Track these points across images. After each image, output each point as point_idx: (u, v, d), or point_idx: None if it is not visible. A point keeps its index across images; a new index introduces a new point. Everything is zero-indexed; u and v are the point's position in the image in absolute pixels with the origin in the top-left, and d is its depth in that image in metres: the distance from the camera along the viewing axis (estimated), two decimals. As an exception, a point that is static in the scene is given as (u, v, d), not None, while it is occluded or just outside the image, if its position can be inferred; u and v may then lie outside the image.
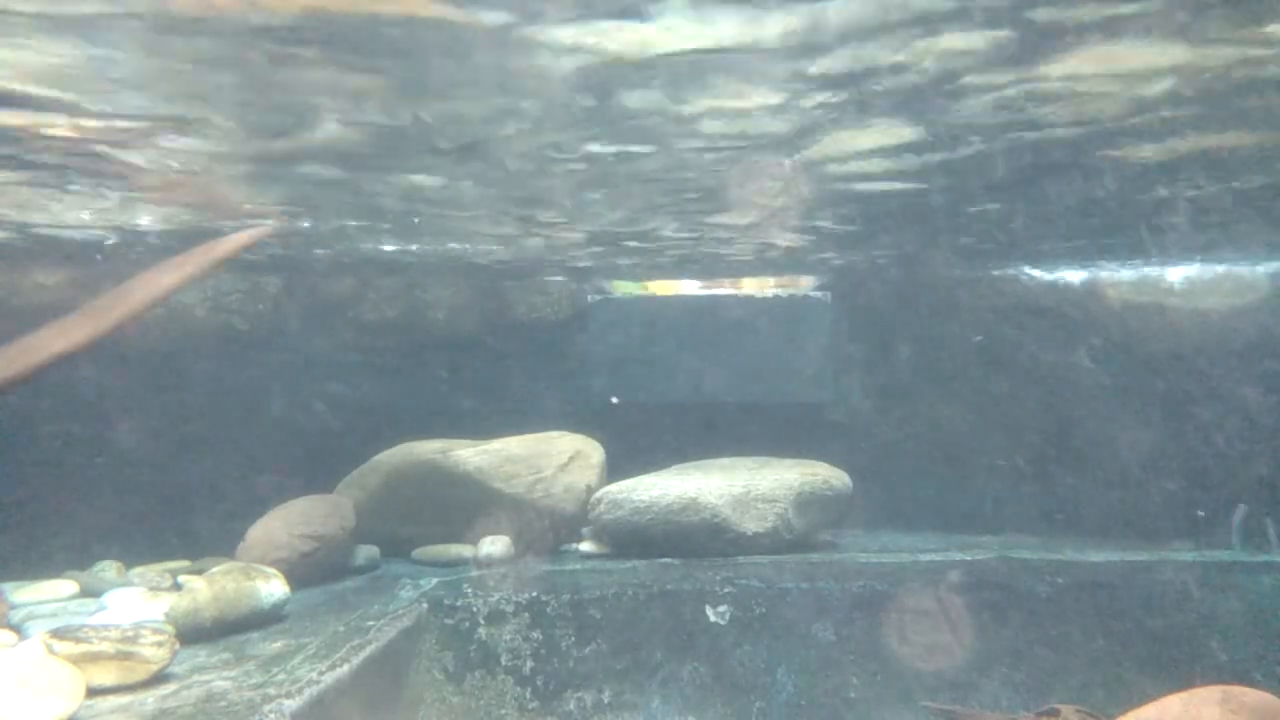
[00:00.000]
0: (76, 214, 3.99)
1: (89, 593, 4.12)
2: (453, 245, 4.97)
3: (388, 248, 5.02)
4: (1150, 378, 5.81)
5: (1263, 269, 5.70)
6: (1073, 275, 6.07)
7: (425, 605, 4.17)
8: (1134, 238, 5.05)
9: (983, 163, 3.49)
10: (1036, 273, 6.14)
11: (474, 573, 4.54)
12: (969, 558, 4.77)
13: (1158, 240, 5.14)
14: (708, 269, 6.16)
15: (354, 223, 4.38)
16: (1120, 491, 5.77)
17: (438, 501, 5.00)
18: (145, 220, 4.14)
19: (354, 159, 3.30)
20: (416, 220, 4.34)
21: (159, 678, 2.90)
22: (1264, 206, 4.26)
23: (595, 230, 4.61)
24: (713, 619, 4.41)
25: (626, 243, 4.97)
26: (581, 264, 5.72)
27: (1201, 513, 5.47)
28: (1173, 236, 5.00)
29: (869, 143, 3.24)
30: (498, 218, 4.30)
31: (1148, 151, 3.37)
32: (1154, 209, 4.34)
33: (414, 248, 5.04)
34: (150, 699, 2.73)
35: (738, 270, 6.26)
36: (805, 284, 6.60)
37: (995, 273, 6.19)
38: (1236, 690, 2.98)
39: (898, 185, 3.83)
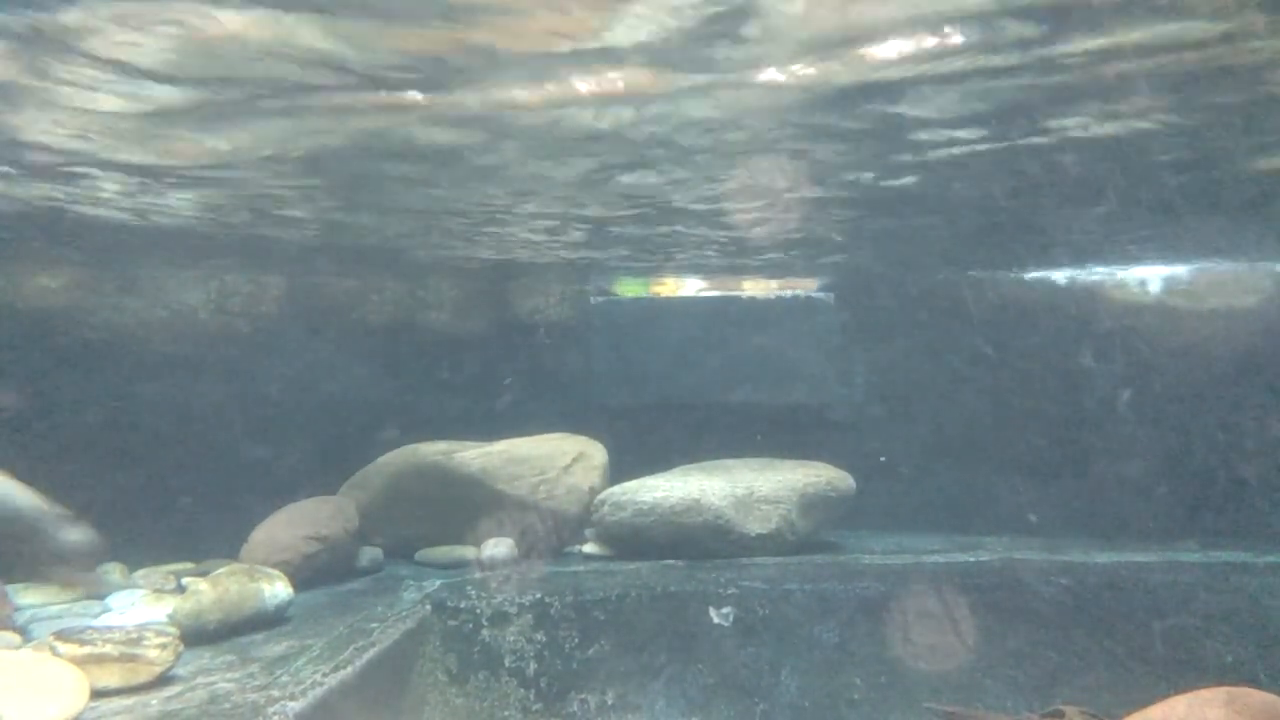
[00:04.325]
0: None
1: (93, 595, 4.12)
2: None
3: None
4: (1154, 377, 5.80)
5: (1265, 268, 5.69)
6: (1075, 275, 6.06)
7: (429, 607, 4.16)
8: (1136, 237, 5.04)
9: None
10: (1039, 273, 6.14)
11: (477, 574, 4.54)
12: (973, 559, 4.76)
13: (1161, 240, 5.13)
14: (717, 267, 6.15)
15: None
16: (1124, 491, 5.76)
17: (441, 503, 5.00)
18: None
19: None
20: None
21: (163, 679, 2.90)
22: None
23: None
24: (716, 621, 4.41)
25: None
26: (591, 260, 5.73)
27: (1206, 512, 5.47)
28: (1177, 236, 5.00)
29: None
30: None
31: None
32: (1155, 207, 4.34)
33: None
34: (154, 701, 2.74)
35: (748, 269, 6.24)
36: (809, 285, 6.60)
37: (998, 273, 6.19)
38: (1241, 691, 2.97)
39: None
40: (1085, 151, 3.38)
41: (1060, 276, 6.08)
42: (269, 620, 3.63)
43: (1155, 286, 5.89)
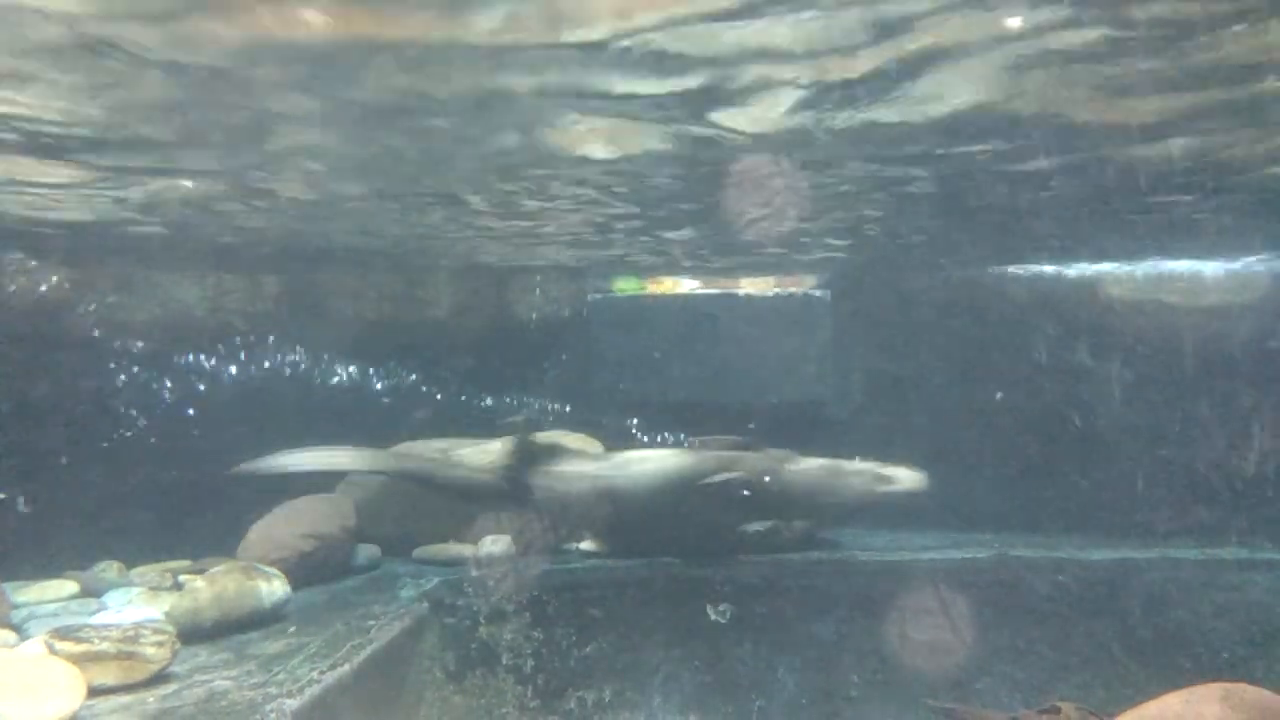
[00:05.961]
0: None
1: (90, 593, 4.12)
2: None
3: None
4: (1151, 376, 5.80)
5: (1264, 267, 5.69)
6: (1073, 273, 6.06)
7: (426, 604, 4.16)
8: (1135, 236, 5.04)
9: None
10: (1036, 270, 6.13)
11: (474, 572, 4.53)
12: (969, 555, 4.77)
13: (1160, 238, 5.14)
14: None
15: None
16: (1122, 489, 5.77)
17: (439, 501, 4.99)
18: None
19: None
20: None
21: (160, 677, 2.90)
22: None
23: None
24: (713, 617, 4.41)
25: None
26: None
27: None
28: (1175, 234, 5.00)
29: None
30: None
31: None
32: (1156, 207, 4.34)
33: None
34: (151, 699, 2.74)
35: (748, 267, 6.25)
36: (806, 283, 6.60)
37: (995, 270, 6.19)
38: (1237, 688, 2.98)
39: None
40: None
41: (1058, 273, 6.08)
42: (266, 618, 3.63)
43: (1156, 283, 5.89)
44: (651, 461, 4.75)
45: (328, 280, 6.08)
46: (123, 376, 5.32)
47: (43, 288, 5.16)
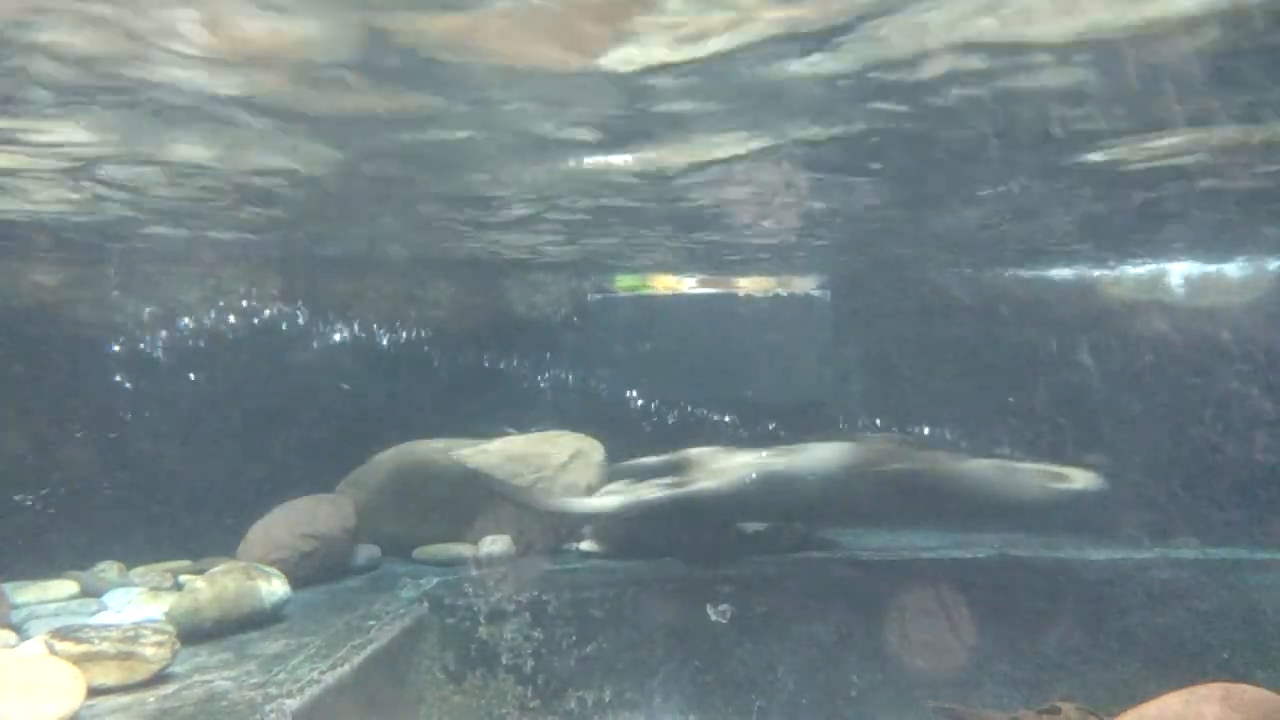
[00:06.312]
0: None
1: (90, 593, 4.12)
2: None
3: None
4: (1149, 376, 5.81)
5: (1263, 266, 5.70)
6: (1072, 273, 6.07)
7: (426, 605, 4.17)
8: (1135, 235, 5.04)
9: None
10: (1035, 271, 6.14)
11: (474, 572, 4.53)
12: (969, 555, 4.77)
13: (1158, 238, 5.14)
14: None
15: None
16: (1120, 488, 5.77)
17: (438, 501, 5.00)
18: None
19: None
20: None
21: (160, 677, 2.90)
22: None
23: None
24: (714, 618, 4.41)
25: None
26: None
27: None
28: (1173, 234, 5.00)
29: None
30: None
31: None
32: (1154, 207, 4.33)
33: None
34: (151, 699, 2.74)
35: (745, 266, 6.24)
36: (805, 283, 6.60)
37: (994, 271, 6.19)
38: (1237, 688, 2.98)
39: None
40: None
41: (1057, 274, 6.09)
42: (266, 618, 3.63)
43: (1151, 283, 5.90)
44: (830, 450, 4.76)
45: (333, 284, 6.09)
46: (124, 375, 5.32)
47: (44, 286, 5.17)
